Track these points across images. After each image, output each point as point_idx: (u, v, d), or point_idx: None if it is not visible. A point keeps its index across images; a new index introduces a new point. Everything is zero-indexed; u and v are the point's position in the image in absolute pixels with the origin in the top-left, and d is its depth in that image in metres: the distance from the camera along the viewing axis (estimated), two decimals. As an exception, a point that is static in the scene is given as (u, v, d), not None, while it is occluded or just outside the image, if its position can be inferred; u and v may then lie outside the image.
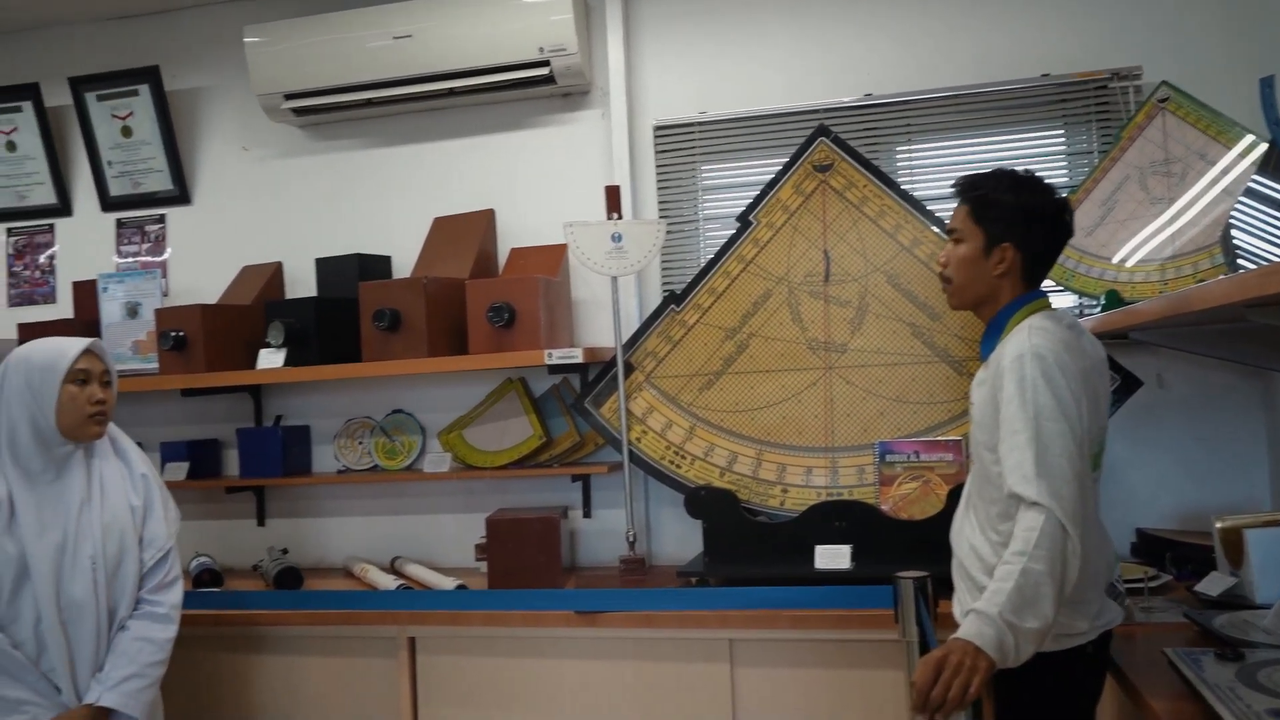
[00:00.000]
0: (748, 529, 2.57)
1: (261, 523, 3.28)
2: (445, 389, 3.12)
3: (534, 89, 3.03)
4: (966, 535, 1.75)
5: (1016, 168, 1.80)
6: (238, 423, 3.25)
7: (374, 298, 2.77)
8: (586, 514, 3.03)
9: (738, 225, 2.78)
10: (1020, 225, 1.72)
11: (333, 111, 3.17)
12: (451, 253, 2.99)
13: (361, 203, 3.26)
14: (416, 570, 2.89)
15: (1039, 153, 2.78)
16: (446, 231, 3.06)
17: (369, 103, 3.10)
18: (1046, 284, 1.86)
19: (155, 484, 2.09)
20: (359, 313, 2.82)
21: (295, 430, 3.18)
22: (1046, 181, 1.78)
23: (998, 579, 1.48)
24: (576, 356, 2.65)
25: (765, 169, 2.89)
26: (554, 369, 2.78)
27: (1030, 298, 1.75)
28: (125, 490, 2.02)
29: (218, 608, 2.64)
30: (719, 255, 2.78)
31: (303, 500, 3.26)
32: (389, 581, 2.79)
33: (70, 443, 1.94)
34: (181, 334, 2.89)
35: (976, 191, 1.76)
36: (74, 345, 1.94)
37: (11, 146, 3.51)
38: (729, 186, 3.00)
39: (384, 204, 3.24)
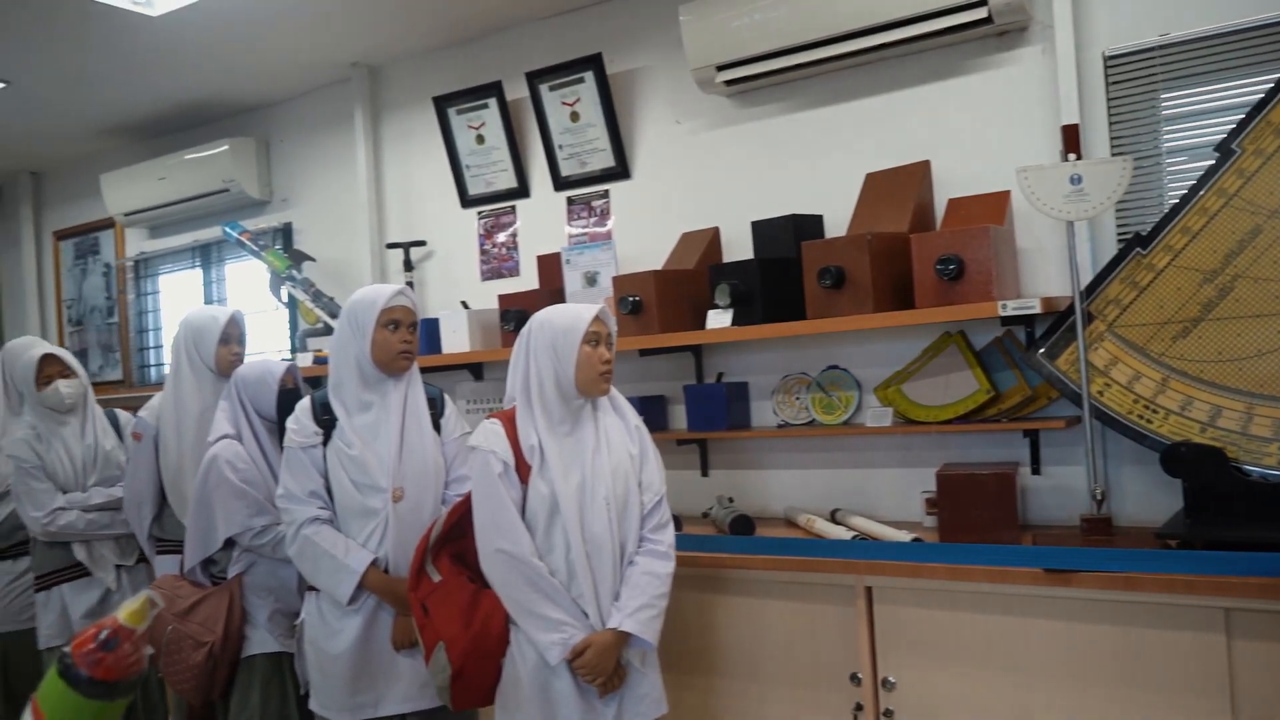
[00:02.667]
0: (1239, 489, 2.34)
1: (705, 473, 3.50)
2: (881, 344, 3.13)
3: (967, 32, 2.93)
4: None
5: None
6: (681, 380, 3.49)
7: (817, 256, 2.84)
8: (1035, 471, 2.91)
9: (1216, 156, 2.51)
10: None
11: (761, 79, 3.27)
12: (887, 207, 2.98)
13: (790, 165, 3.34)
14: (862, 522, 2.95)
15: None
16: (880, 187, 3.06)
17: (796, 67, 3.16)
18: None
19: (647, 436, 2.32)
20: (799, 272, 2.91)
21: (736, 387, 3.36)
22: None
23: None
24: (1033, 306, 2.54)
25: (1244, 91, 2.59)
26: (1006, 320, 2.69)
27: None
28: (625, 441, 2.26)
29: (685, 549, 2.86)
30: (1193, 191, 2.53)
31: (743, 453, 3.44)
32: (838, 532, 2.87)
33: (582, 397, 2.20)
34: (638, 298, 3.14)
35: None
36: (588, 310, 2.19)
37: (480, 140, 4.00)
38: (1196, 115, 2.72)
39: (812, 164, 3.30)
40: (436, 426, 2.53)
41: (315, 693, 2.47)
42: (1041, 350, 2.69)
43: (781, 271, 3.02)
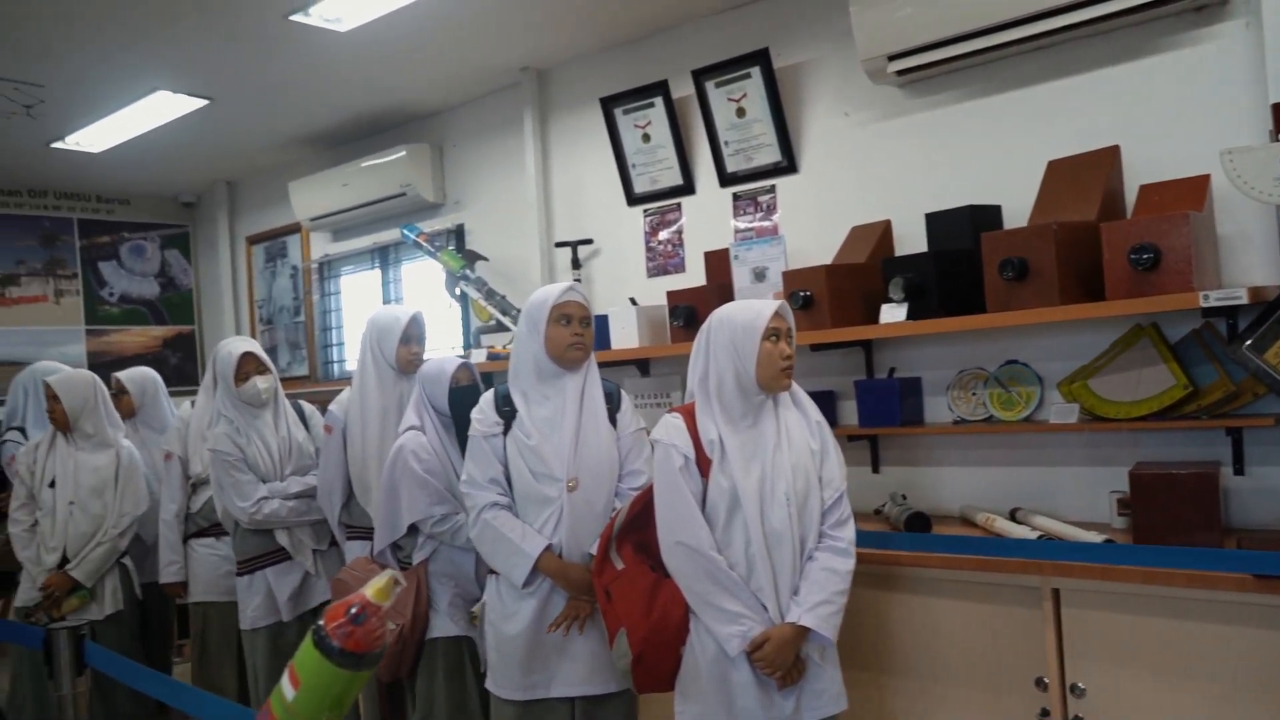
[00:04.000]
0: None
1: (876, 470, 3.46)
2: (1064, 338, 3.02)
3: (1161, 8, 2.78)
4: None
5: None
6: (851, 375, 3.45)
7: (999, 247, 2.76)
8: (1239, 471, 2.75)
9: None
10: None
11: (935, 67, 3.19)
12: (1072, 196, 2.86)
13: (966, 154, 3.26)
14: (1045, 522, 2.85)
15: None
16: (1064, 174, 2.94)
17: (973, 53, 3.08)
18: None
19: (828, 431, 2.31)
20: (978, 264, 2.83)
21: (909, 382, 3.30)
22: None
23: None
24: (1239, 297, 2.39)
25: None
26: (1207, 312, 2.55)
27: None
28: (805, 436, 2.26)
29: (859, 546, 2.83)
30: None
31: (916, 449, 3.38)
32: (1019, 531, 2.79)
33: (763, 393, 2.21)
34: (809, 293, 3.13)
35: None
36: (768, 306, 2.20)
37: (646, 138, 4.06)
38: None
39: (988, 153, 3.21)
40: (613, 420, 2.59)
41: (491, 672, 2.57)
42: (1248, 343, 2.52)
43: (958, 264, 2.94)
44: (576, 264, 4.27)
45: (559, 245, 4.35)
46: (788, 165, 3.70)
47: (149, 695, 3.96)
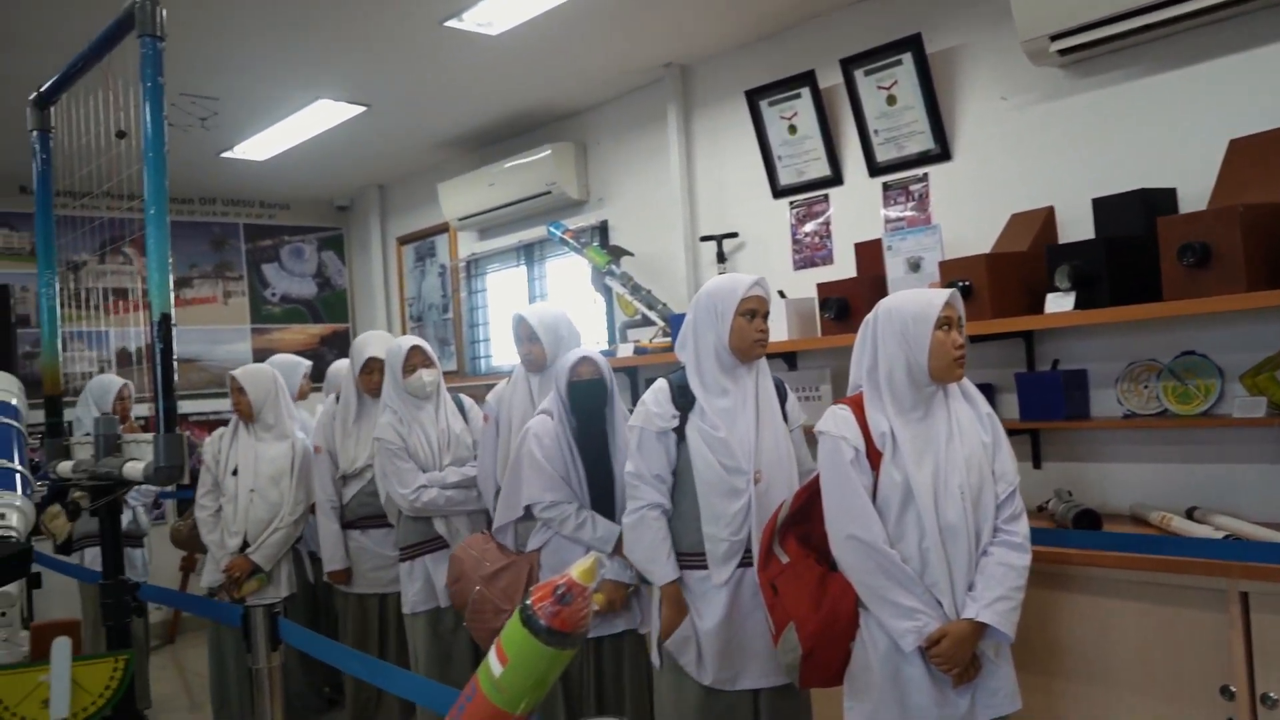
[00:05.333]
0: None
1: (1038, 465, 3.34)
2: (1248, 327, 2.85)
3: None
4: None
5: None
6: (1010, 368, 3.35)
7: (1177, 232, 2.62)
8: None
9: None
10: None
11: (1100, 45, 3.06)
12: (1259, 176, 2.70)
13: (1135, 136, 3.11)
14: (1228, 521, 2.70)
15: None
16: (1249, 153, 2.78)
17: (1143, 29, 2.94)
18: None
19: (999, 424, 2.25)
20: (1152, 250, 2.70)
21: (1073, 374, 3.17)
22: None
23: None
24: None
25: None
26: None
27: None
28: (977, 429, 2.20)
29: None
30: None
31: (1081, 444, 3.25)
32: (1201, 531, 2.65)
33: (934, 384, 2.16)
34: (968, 284, 3.05)
35: None
36: (939, 295, 2.16)
37: (792, 129, 4.03)
38: None
39: (1161, 134, 3.06)
40: (782, 414, 2.58)
41: (678, 650, 2.56)
42: None
43: (1130, 250, 2.82)
44: (721, 258, 4.28)
45: (704, 239, 4.36)
46: (941, 153, 3.61)
47: (319, 683, 4.25)
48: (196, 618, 5.66)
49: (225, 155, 5.45)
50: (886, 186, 3.81)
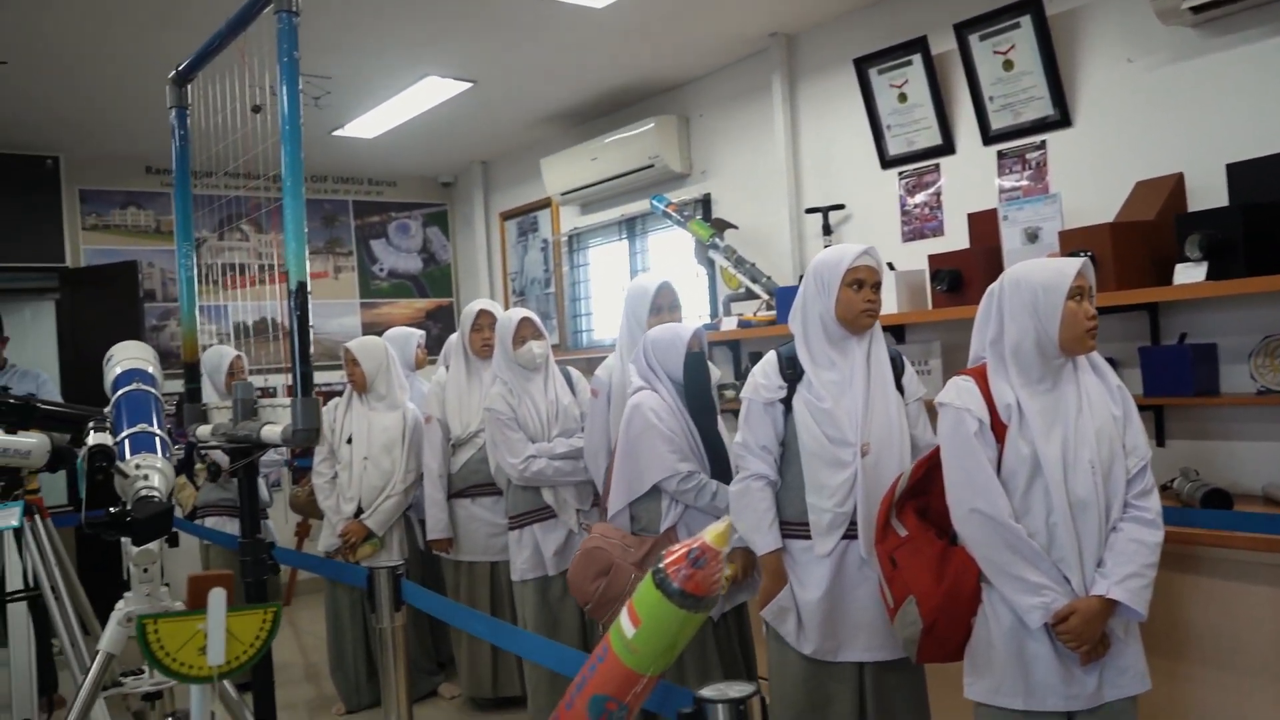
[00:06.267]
0: None
1: (1162, 443, 3.22)
2: (1398, 298, 2.69)
3: None
4: None
5: None
6: (1133, 341, 3.23)
7: (1322, 198, 2.49)
8: None
9: None
10: None
11: (1236, 2, 2.91)
12: None
13: (1272, 98, 2.95)
14: (1374, 503, 2.56)
15: None
16: (1403, 113, 2.61)
17: (1286, -18, 2.78)
18: None
19: (1129, 397, 2.17)
20: (1296, 217, 2.57)
21: (1202, 348, 3.04)
22: None
23: None
24: None
25: None
26: None
27: None
28: (1107, 401, 2.13)
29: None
30: None
31: (1209, 421, 3.12)
32: (1343, 513, 2.52)
33: (1062, 355, 2.10)
34: (1090, 254, 2.94)
35: None
36: (1070, 265, 2.08)
37: (903, 98, 3.94)
38: None
39: (1304, 94, 2.90)
40: (898, 387, 2.54)
41: (778, 620, 2.56)
42: None
43: (1268, 218, 2.68)
44: (828, 230, 4.22)
45: (809, 211, 4.31)
46: (1060, 119, 3.48)
47: (430, 649, 4.36)
48: (309, 582, 5.88)
49: (336, 133, 5.59)
50: (1001, 155, 3.69)
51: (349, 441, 3.98)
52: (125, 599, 2.17)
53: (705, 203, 4.94)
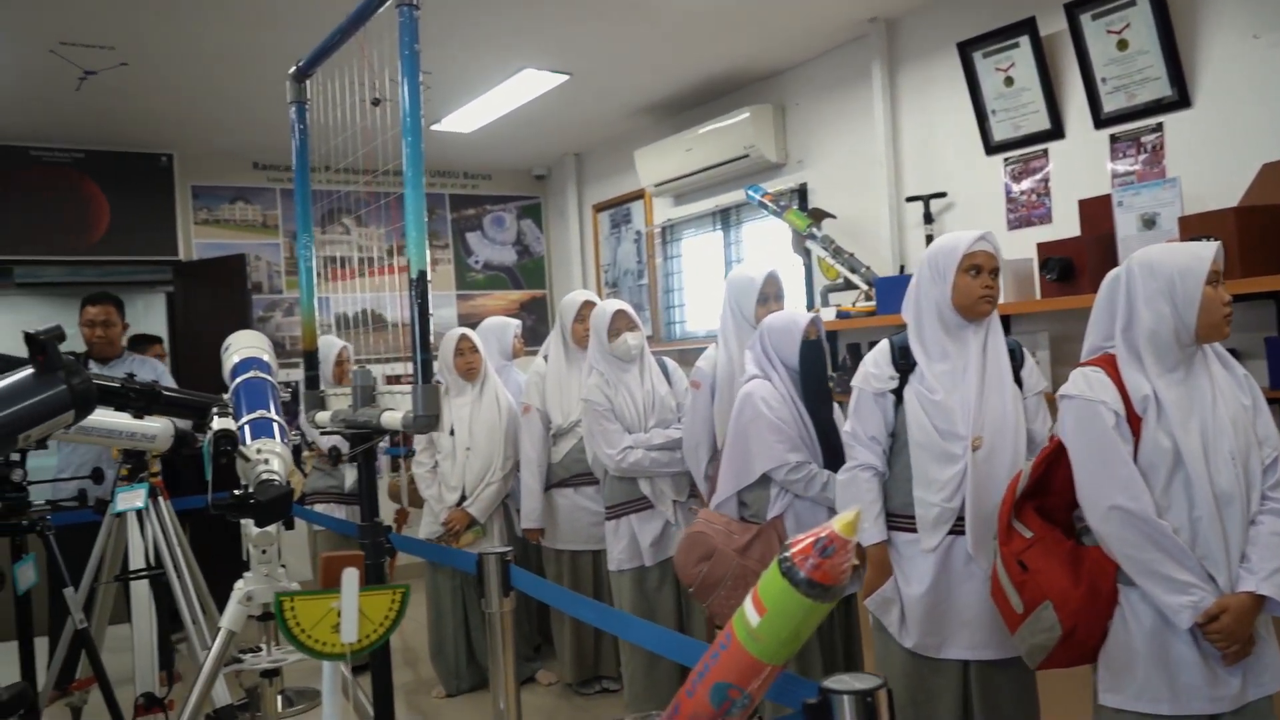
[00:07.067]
0: None
1: (1289, 437, 3.07)
2: None
3: None
4: None
5: None
6: (1258, 332, 3.09)
7: None
8: None
9: None
10: None
11: (1376, -29, 2.75)
12: None
13: None
14: None
15: None
16: None
17: None
18: None
19: (1257, 386, 2.07)
20: None
21: (1334, 338, 2.90)
22: None
23: None
24: None
25: None
26: None
27: None
28: (1236, 391, 2.04)
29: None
30: None
31: (1341, 415, 2.96)
32: None
33: (1195, 343, 2.01)
34: (1214, 240, 2.82)
35: None
36: (1206, 249, 2.00)
37: (1009, 81, 3.83)
38: None
39: None
40: (1017, 379, 2.46)
41: (883, 613, 2.52)
42: None
43: None
44: (929, 218, 4.13)
45: (910, 200, 4.23)
46: (1178, 100, 3.34)
47: (531, 634, 4.42)
48: (404, 569, 6.00)
49: (434, 128, 5.69)
50: (1114, 138, 3.56)
51: (451, 433, 4.05)
52: (244, 578, 2.25)
53: (801, 192, 4.89)
